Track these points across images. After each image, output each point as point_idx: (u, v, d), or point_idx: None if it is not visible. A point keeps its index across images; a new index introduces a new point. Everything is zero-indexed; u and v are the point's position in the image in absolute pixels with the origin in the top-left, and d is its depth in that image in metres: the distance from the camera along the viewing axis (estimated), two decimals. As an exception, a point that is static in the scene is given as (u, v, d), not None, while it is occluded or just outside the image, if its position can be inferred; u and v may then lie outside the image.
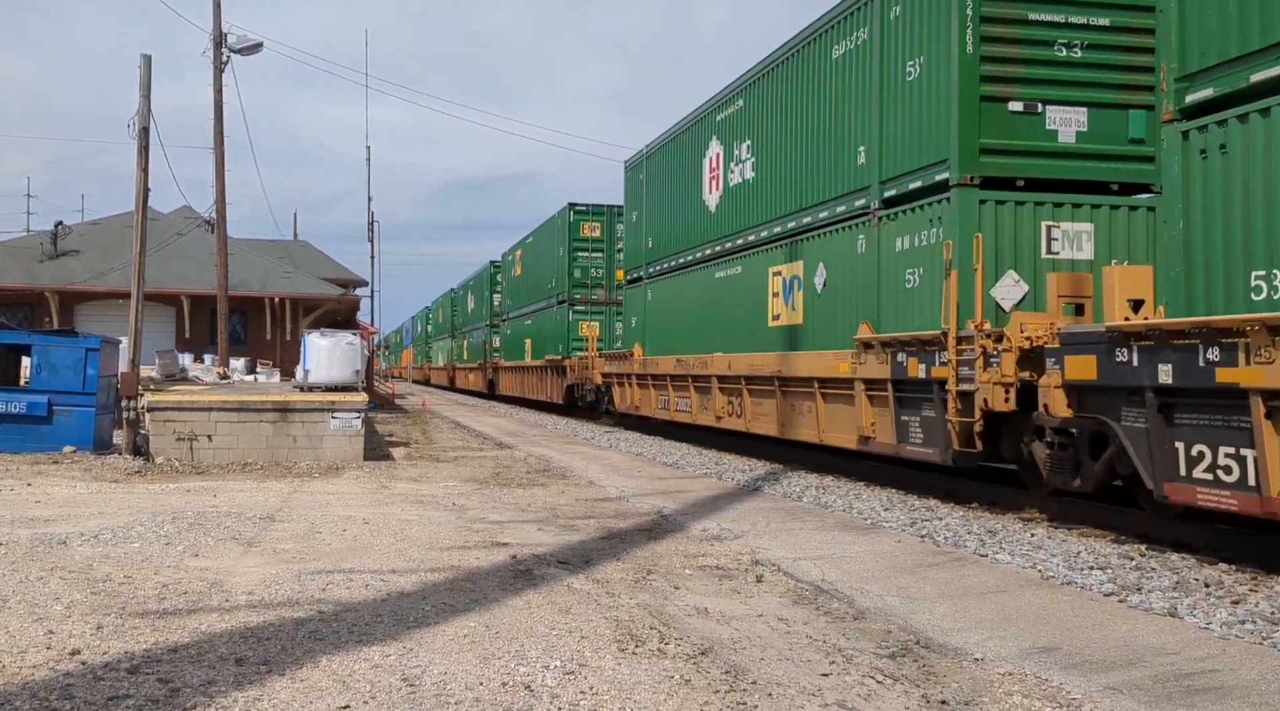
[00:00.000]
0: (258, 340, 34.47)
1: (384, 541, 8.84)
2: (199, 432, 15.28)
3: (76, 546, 8.35)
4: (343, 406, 15.87)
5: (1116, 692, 5.07)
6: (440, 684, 4.98)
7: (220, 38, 25.87)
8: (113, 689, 4.81)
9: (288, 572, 7.45)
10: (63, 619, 6.07)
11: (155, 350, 23.71)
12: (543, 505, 11.44)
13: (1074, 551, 8.75)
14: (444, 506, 11.17)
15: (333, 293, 36.45)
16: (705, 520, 10.46)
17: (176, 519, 9.78)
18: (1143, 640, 6.04)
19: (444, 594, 6.88)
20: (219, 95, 26.10)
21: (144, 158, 17.36)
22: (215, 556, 8.07)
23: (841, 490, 13.10)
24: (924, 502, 11.88)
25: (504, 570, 7.71)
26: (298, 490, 12.40)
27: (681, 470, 15.85)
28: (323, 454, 15.58)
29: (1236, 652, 5.80)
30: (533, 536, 9.29)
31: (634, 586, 7.27)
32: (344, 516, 10.20)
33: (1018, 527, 10.08)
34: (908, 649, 5.81)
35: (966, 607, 6.84)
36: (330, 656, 5.38)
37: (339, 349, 17.32)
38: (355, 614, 6.29)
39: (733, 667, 5.35)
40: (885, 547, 9.07)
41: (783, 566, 8.12)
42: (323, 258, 46.94)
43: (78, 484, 12.64)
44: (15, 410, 15.73)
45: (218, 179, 26.43)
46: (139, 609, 6.35)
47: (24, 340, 16.72)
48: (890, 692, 5.02)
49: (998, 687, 5.14)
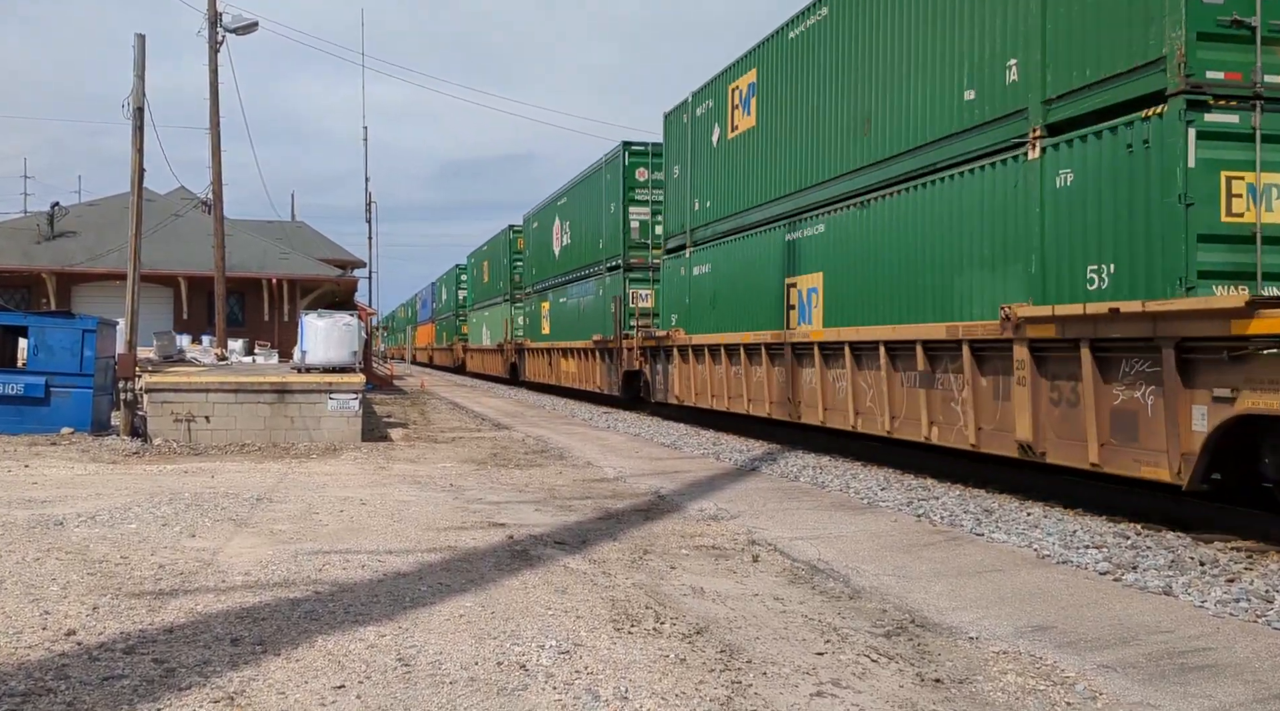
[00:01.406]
0: (255, 321, 34.44)
1: (381, 522, 8.85)
2: (196, 414, 15.27)
3: (73, 527, 8.35)
4: (340, 387, 15.85)
5: (1110, 671, 5.08)
6: (435, 663, 4.99)
7: (215, 17, 25.68)
8: (108, 669, 4.81)
9: (284, 553, 7.46)
10: (59, 599, 6.07)
11: (153, 331, 23.69)
12: (540, 485, 11.45)
13: (1070, 530, 8.76)
14: (441, 487, 11.18)
15: (330, 274, 36.38)
16: (702, 500, 10.47)
17: (173, 500, 9.79)
18: (1137, 618, 6.06)
19: (440, 574, 6.89)
20: (214, 75, 25.94)
21: (139, 138, 17.27)
22: (212, 537, 8.07)
23: (839, 470, 13.11)
24: (920, 482, 11.89)
25: (501, 550, 7.72)
26: (295, 471, 12.40)
27: (679, 451, 15.86)
28: (320, 435, 15.58)
29: (1231, 630, 5.81)
30: (530, 517, 9.29)
31: (630, 566, 7.28)
32: (341, 497, 10.20)
33: (1014, 506, 10.09)
34: (903, 628, 5.82)
35: (962, 586, 6.85)
36: (326, 636, 5.39)
37: (336, 330, 17.29)
38: (351, 594, 6.30)
39: (728, 646, 5.35)
40: (881, 527, 9.08)
41: (779, 546, 8.13)
42: (320, 239, 46.82)
43: (75, 465, 12.64)
44: (13, 392, 15.70)
45: (214, 159, 26.32)
46: (135, 589, 6.35)
47: (21, 321, 16.68)
48: (885, 671, 5.03)
49: (992, 666, 5.15)
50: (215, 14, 25.68)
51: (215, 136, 26.19)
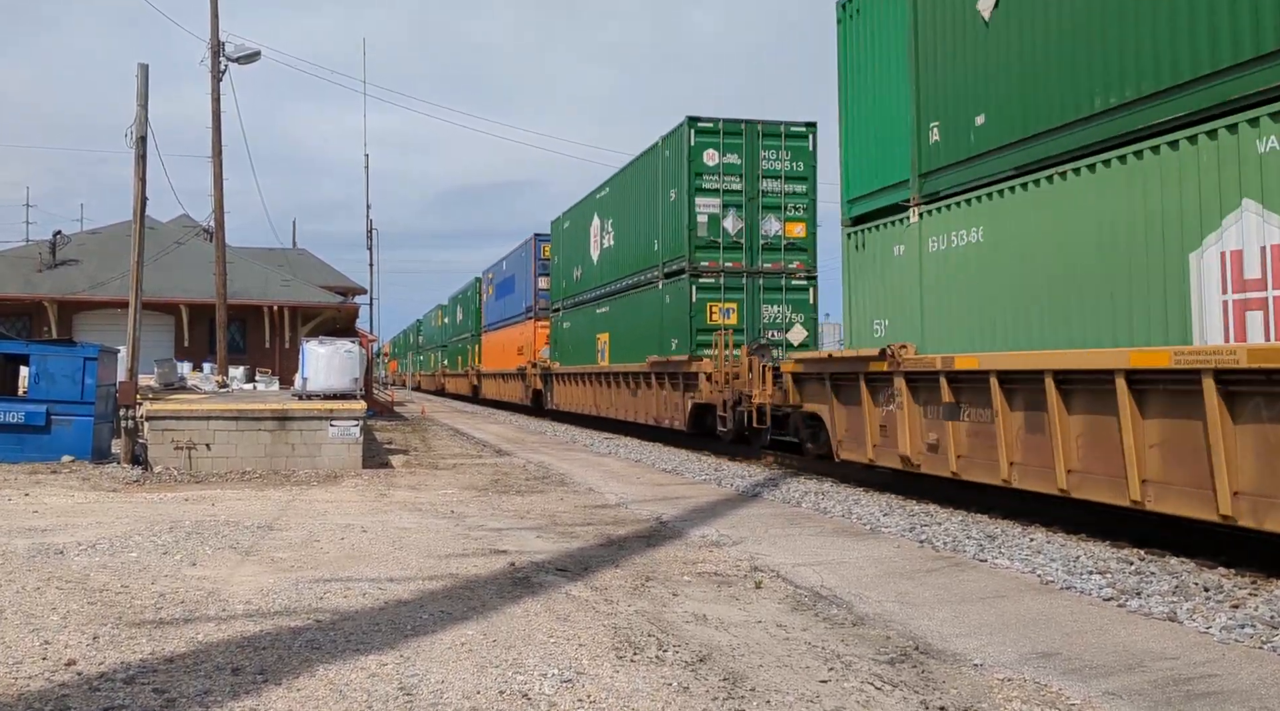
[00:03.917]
0: (257, 348, 34.46)
1: (382, 549, 8.82)
2: (197, 441, 15.26)
3: (73, 556, 8.33)
4: (341, 414, 15.85)
5: (1116, 698, 5.05)
6: (437, 692, 4.96)
7: (218, 47, 25.90)
8: (108, 699, 4.79)
9: (285, 581, 7.43)
10: (59, 629, 6.05)
11: (154, 359, 23.74)
12: (541, 512, 11.42)
13: (1073, 556, 8.74)
14: (442, 514, 11.15)
15: (332, 300, 36.44)
16: (704, 526, 10.45)
17: (174, 528, 9.77)
18: (1142, 645, 6.03)
19: (442, 602, 6.86)
20: (217, 104, 26.12)
21: (141, 167, 17.37)
22: (213, 565, 8.05)
23: (840, 496, 13.08)
24: (923, 507, 11.86)
25: (502, 577, 7.69)
26: (296, 498, 12.38)
27: (681, 476, 15.83)
28: (321, 462, 15.56)
29: (1236, 657, 5.79)
30: (531, 543, 9.27)
31: (632, 593, 7.25)
32: (342, 524, 10.18)
33: (1017, 532, 10.06)
34: (906, 655, 5.79)
35: (965, 613, 6.82)
36: (327, 665, 5.36)
37: (338, 357, 17.31)
38: (352, 622, 6.27)
39: (731, 674, 5.33)
40: (884, 553, 9.05)
41: (782, 572, 8.10)
42: (322, 266, 46.93)
43: (75, 493, 12.62)
44: (13, 420, 15.70)
45: (216, 187, 26.44)
46: (135, 619, 6.33)
47: (22, 350, 16.70)
48: (889, 699, 5.00)
49: (997, 693, 5.12)
50: (218, 44, 25.91)
51: (217, 164, 26.33)
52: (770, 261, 20.09)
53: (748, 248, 20.01)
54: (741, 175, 19.97)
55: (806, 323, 20.31)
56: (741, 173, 19.96)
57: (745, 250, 20.01)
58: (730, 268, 19.87)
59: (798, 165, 20.26)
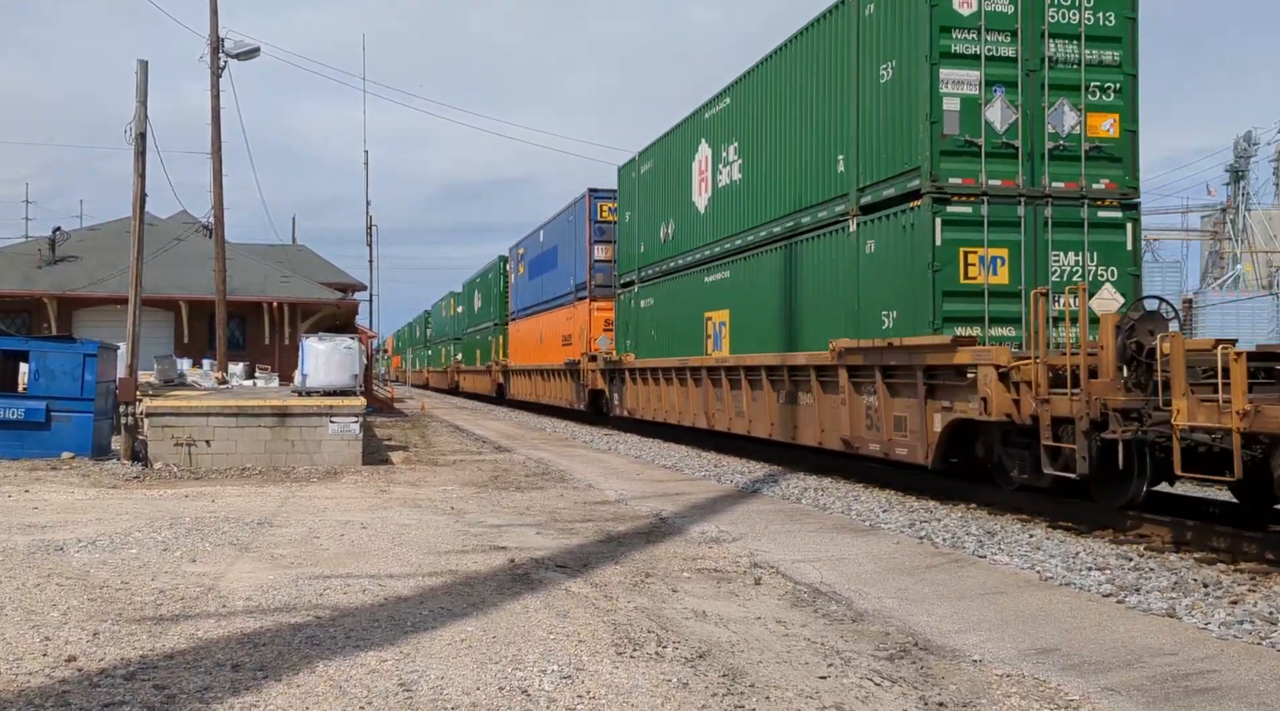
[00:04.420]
0: (256, 345, 34.43)
1: (382, 546, 8.83)
2: (197, 438, 15.27)
3: (74, 552, 8.34)
4: (341, 411, 15.85)
5: (1114, 693, 5.06)
6: (437, 689, 4.97)
7: (217, 43, 25.86)
8: (109, 695, 4.80)
9: (285, 578, 7.44)
10: (59, 625, 6.05)
11: (154, 355, 23.70)
12: (541, 508, 11.43)
13: (1073, 552, 8.75)
14: (442, 510, 11.16)
15: (331, 297, 36.41)
16: (704, 523, 10.46)
17: (174, 524, 9.77)
18: (1141, 641, 6.04)
19: (441, 598, 6.87)
20: (216, 100, 26.08)
21: (141, 163, 17.36)
22: (213, 562, 8.06)
23: (840, 492, 13.09)
24: (922, 504, 11.87)
25: (502, 574, 7.70)
26: (295, 495, 12.39)
27: (680, 473, 15.84)
28: (321, 458, 15.56)
29: (1234, 653, 5.80)
30: (531, 540, 9.28)
31: (632, 589, 7.26)
32: (342, 521, 10.18)
33: (1016, 528, 10.07)
34: (906, 651, 5.80)
35: (965, 609, 6.83)
36: (327, 662, 5.37)
37: (337, 353, 17.31)
38: (352, 619, 6.28)
39: (731, 670, 5.34)
40: (884, 549, 9.06)
41: (781, 568, 8.11)
42: (321, 262, 46.85)
43: (75, 490, 12.62)
44: (13, 416, 15.71)
45: (215, 184, 26.41)
46: (136, 615, 6.33)
47: (22, 346, 16.71)
48: (888, 695, 5.01)
49: (996, 689, 5.13)
50: (217, 40, 25.87)
51: (217, 161, 26.31)
52: (1063, 178, 12.11)
53: (1026, 155, 12.02)
54: (1015, 33, 11.98)
55: (1122, 281, 12.32)
56: (1016, 29, 11.97)
57: (1022, 158, 12.02)
58: (998, 189, 11.90)
59: (1107, 18, 12.27)
